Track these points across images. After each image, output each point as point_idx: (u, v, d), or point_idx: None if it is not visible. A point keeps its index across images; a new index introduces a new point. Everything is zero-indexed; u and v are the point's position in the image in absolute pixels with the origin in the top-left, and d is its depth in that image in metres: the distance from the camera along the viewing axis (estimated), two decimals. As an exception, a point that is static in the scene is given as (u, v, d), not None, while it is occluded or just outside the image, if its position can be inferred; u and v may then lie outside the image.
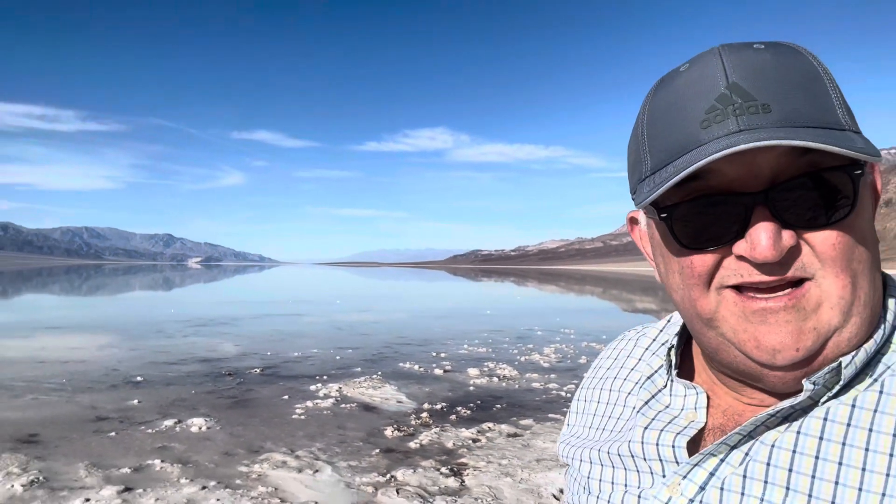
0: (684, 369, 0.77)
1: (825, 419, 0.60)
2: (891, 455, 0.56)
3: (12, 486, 4.60)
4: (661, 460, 0.68)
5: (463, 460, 5.40)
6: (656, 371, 0.79)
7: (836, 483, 0.57)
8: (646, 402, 0.76)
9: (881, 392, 0.59)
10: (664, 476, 0.68)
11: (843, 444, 0.58)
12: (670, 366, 0.76)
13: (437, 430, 6.32)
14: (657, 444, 0.69)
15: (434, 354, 11.45)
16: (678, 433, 0.68)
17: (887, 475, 0.55)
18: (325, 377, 9.09)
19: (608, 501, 0.73)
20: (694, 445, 0.68)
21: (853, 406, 0.59)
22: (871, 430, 0.57)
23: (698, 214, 0.60)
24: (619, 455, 0.74)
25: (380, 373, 9.45)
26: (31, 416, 6.72)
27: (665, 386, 0.76)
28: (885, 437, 0.57)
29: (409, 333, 14.75)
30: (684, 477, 0.65)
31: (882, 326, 0.63)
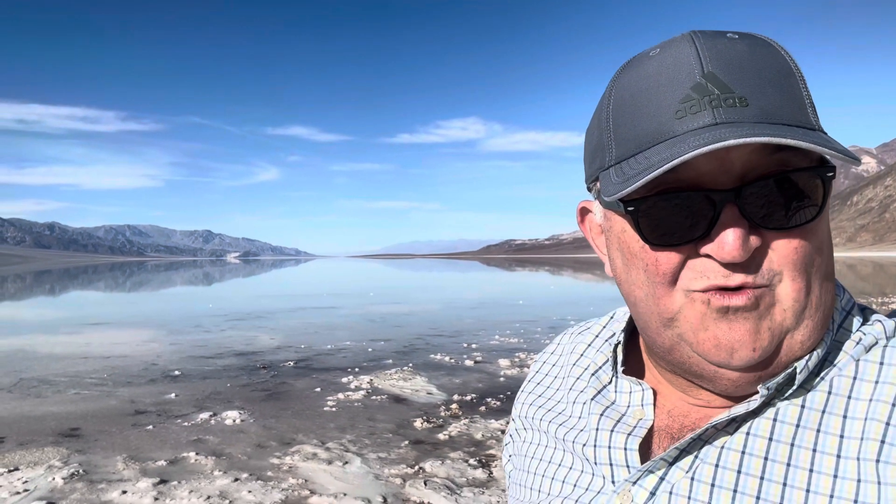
0: (629, 366, 0.75)
1: (775, 420, 0.59)
2: (838, 456, 0.55)
3: (53, 478, 4.77)
4: (611, 465, 0.67)
5: (491, 452, 5.39)
6: (601, 367, 0.77)
7: (784, 484, 0.56)
8: (592, 398, 0.74)
9: (829, 392, 0.59)
10: (614, 482, 0.66)
11: (792, 444, 0.57)
12: (615, 362, 0.75)
13: (467, 421, 6.34)
14: (609, 447, 0.67)
15: (465, 345, 11.46)
16: (629, 434, 0.67)
17: (835, 476, 0.54)
18: (356, 369, 9.19)
19: (557, 497, 0.71)
20: (642, 446, 0.66)
21: (802, 406, 0.59)
22: (818, 430, 0.57)
23: (666, 210, 0.57)
24: (571, 451, 0.73)
25: (411, 364, 9.51)
26: (73, 410, 6.95)
27: (610, 382, 0.74)
28: (832, 438, 0.56)
29: (440, 325, 14.80)
30: (634, 483, 0.63)
31: (830, 328, 0.62)
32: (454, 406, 6.97)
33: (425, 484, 4.63)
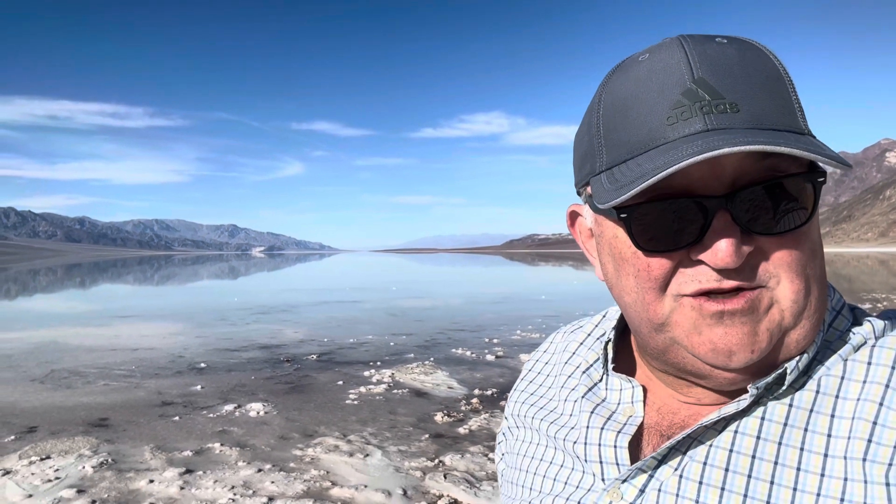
0: (620, 363, 0.75)
1: (763, 418, 0.59)
2: (825, 455, 0.55)
3: (83, 467, 4.90)
4: (601, 462, 0.67)
5: (511, 446, 5.41)
6: (592, 365, 0.78)
7: (772, 483, 0.56)
8: (583, 396, 0.74)
9: (817, 392, 0.59)
10: (604, 479, 0.67)
11: (780, 443, 0.57)
12: (606, 359, 0.75)
13: (487, 415, 6.36)
14: (599, 445, 0.68)
15: (487, 340, 11.47)
16: (619, 431, 0.67)
17: (822, 475, 0.55)
18: (378, 363, 9.25)
19: (548, 495, 0.72)
20: (632, 443, 0.67)
21: (790, 405, 0.59)
22: (806, 429, 0.57)
23: (658, 216, 0.57)
24: (563, 449, 0.73)
25: (432, 359, 9.55)
26: (103, 401, 7.12)
27: (601, 379, 0.75)
28: (819, 437, 0.56)
29: (462, 319, 14.82)
30: (624, 481, 0.64)
31: (821, 328, 0.62)
32: (475, 400, 6.99)
33: (445, 477, 4.67)
